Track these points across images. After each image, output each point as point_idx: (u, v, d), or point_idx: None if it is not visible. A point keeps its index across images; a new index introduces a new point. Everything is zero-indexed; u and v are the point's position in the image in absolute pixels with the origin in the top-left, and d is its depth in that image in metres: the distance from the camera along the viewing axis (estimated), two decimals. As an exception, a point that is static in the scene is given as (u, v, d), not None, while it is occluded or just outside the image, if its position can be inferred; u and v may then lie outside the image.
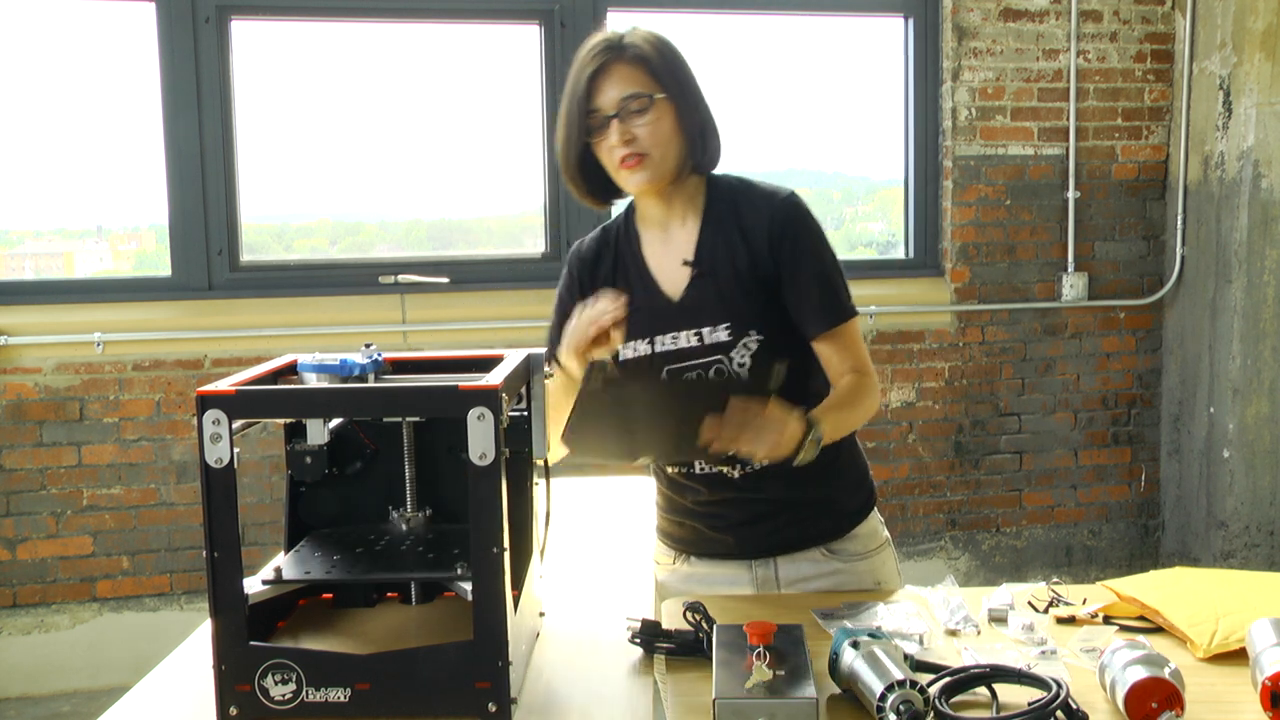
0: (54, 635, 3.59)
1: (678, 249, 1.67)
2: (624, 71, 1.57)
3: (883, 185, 4.38)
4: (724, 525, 1.72)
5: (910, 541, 4.08)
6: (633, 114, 1.57)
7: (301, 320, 3.64)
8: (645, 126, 1.57)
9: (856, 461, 1.78)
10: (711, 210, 1.67)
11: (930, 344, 4.04)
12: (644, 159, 1.58)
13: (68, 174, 3.75)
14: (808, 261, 1.62)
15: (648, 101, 1.57)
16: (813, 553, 1.72)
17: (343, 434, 1.46)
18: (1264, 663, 1.23)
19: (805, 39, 4.10)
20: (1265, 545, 3.93)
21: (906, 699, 1.16)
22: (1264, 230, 3.82)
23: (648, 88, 1.57)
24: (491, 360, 1.39)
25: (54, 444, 3.56)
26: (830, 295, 1.64)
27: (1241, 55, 3.80)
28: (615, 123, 1.57)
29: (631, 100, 1.56)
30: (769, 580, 1.73)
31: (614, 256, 1.72)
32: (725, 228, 1.65)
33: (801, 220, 1.64)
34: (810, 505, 1.71)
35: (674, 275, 1.67)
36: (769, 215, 1.63)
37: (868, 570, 1.73)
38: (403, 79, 3.88)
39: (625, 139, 1.57)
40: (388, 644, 1.30)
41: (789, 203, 1.64)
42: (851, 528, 1.74)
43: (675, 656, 1.42)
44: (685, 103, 1.61)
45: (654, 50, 1.59)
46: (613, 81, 1.57)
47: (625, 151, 1.57)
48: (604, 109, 1.58)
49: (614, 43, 1.59)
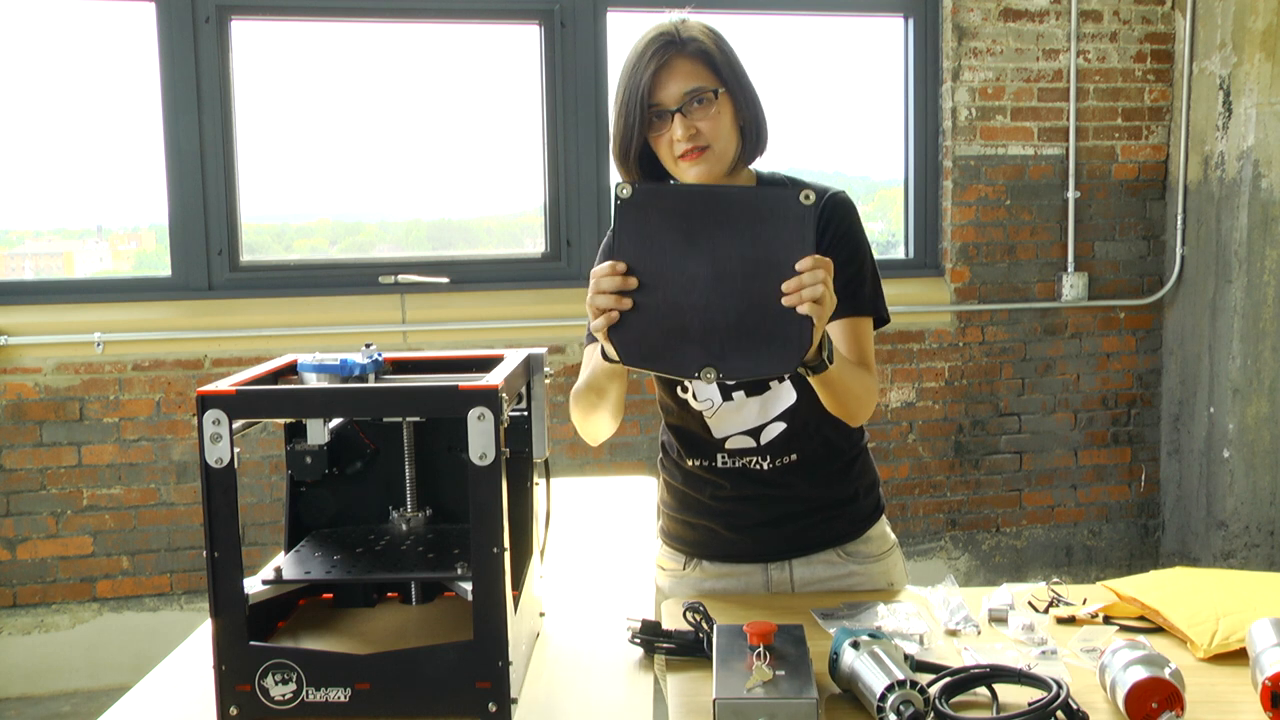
0: (54, 635, 3.59)
1: None
2: (686, 66, 1.59)
3: (883, 185, 4.38)
4: (743, 525, 1.71)
5: (910, 541, 4.08)
6: (695, 108, 1.58)
7: (301, 320, 3.65)
8: (708, 120, 1.59)
9: (870, 467, 1.79)
10: None
11: (930, 344, 4.04)
12: (706, 151, 1.60)
13: (68, 174, 3.75)
14: (844, 252, 1.63)
15: (712, 95, 1.59)
16: (829, 554, 1.71)
17: (343, 434, 1.46)
18: (1264, 663, 1.23)
19: (805, 39, 4.10)
20: (1265, 545, 3.93)
21: (906, 699, 1.16)
22: (1264, 230, 3.82)
23: (710, 82, 1.59)
24: (491, 360, 1.39)
25: (54, 444, 3.56)
26: (856, 286, 1.64)
27: (1241, 55, 3.80)
28: (678, 117, 1.58)
29: (695, 95, 1.58)
30: (784, 583, 1.72)
31: None
32: None
33: (848, 217, 1.67)
34: (832, 505, 1.71)
35: None
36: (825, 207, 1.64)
37: (881, 573, 1.73)
38: (403, 79, 3.88)
39: (689, 133, 1.58)
40: (388, 644, 1.30)
41: (838, 199, 1.67)
42: (865, 529, 1.74)
43: (675, 656, 1.42)
44: (742, 95, 1.63)
45: (714, 44, 1.62)
46: (675, 77, 1.59)
47: (688, 146, 1.59)
48: (666, 104, 1.59)
49: (674, 37, 1.60)
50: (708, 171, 1.61)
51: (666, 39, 1.60)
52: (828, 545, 1.72)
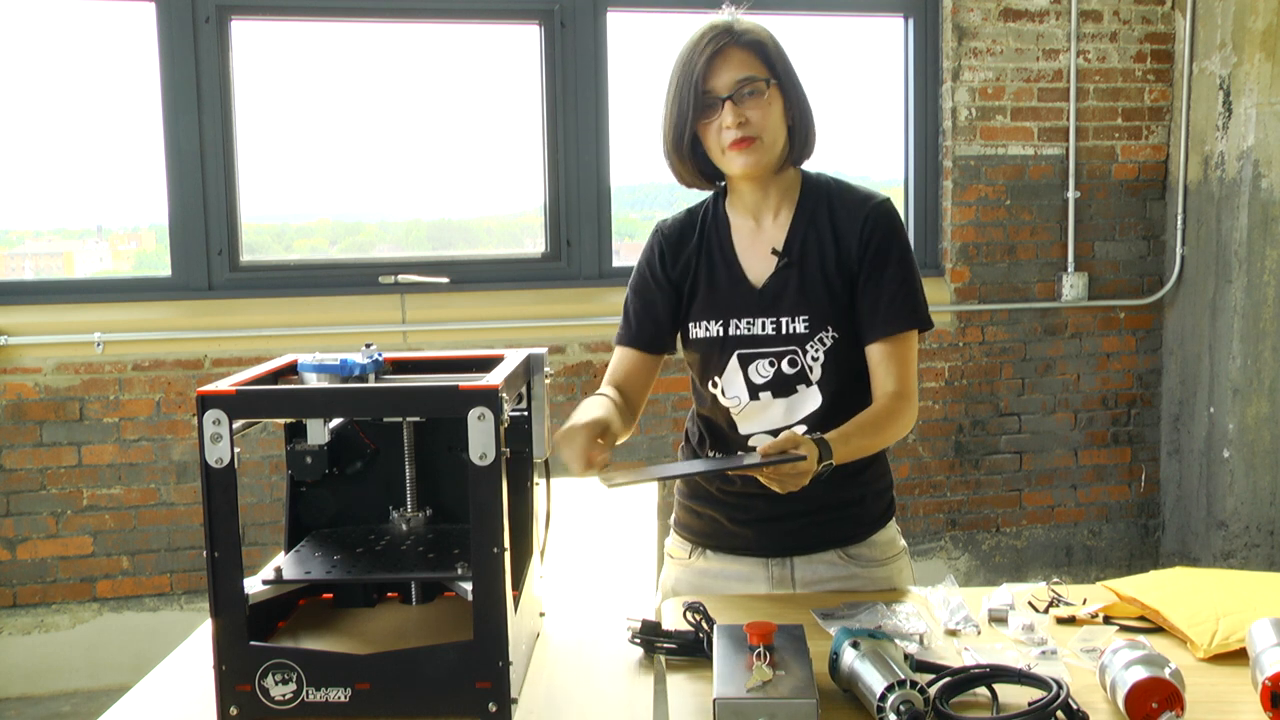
0: (54, 635, 3.59)
1: (768, 237, 1.69)
2: (739, 56, 1.61)
3: (883, 185, 4.38)
4: (746, 518, 1.72)
5: (910, 541, 4.04)
6: (746, 97, 1.60)
7: (301, 320, 3.64)
8: (758, 110, 1.60)
9: (884, 469, 1.79)
10: (805, 204, 1.70)
11: (930, 344, 4.04)
12: (754, 142, 1.61)
13: (68, 174, 3.75)
14: (893, 264, 1.64)
15: (764, 85, 1.60)
16: (830, 555, 1.72)
17: (343, 434, 1.46)
18: (1264, 663, 1.23)
19: (805, 39, 4.10)
20: (1265, 545, 3.93)
21: (906, 699, 1.16)
22: (1264, 230, 3.82)
23: (762, 73, 1.61)
24: (491, 360, 1.39)
25: (54, 444, 3.56)
26: (905, 299, 1.64)
27: (1241, 55, 3.80)
28: (729, 104, 1.59)
29: (746, 83, 1.59)
30: (785, 580, 1.72)
31: (699, 237, 1.73)
32: (818, 223, 1.68)
33: (894, 226, 1.67)
34: (837, 508, 1.71)
35: (760, 262, 1.69)
36: (864, 217, 1.65)
37: (885, 577, 1.73)
38: (403, 79, 3.88)
39: (739, 121, 1.59)
40: (388, 644, 1.30)
41: (884, 208, 1.68)
42: (871, 533, 1.74)
43: (675, 656, 1.42)
44: (792, 92, 1.65)
45: (767, 37, 1.64)
46: (728, 65, 1.60)
47: (737, 135, 1.60)
48: (718, 91, 1.60)
49: (728, 27, 1.62)
50: (756, 163, 1.62)
51: (722, 28, 1.62)
52: (830, 546, 1.72)
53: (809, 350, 1.64)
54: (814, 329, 1.64)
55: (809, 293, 1.65)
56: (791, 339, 1.65)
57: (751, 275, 1.69)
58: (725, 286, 1.69)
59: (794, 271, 1.66)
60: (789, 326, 1.65)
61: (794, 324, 1.64)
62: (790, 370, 1.65)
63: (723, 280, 1.69)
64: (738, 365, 1.68)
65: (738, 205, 1.73)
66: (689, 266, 1.73)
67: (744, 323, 1.67)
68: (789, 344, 1.65)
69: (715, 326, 1.68)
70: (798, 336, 1.64)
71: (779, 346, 1.65)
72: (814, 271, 1.65)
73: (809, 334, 1.64)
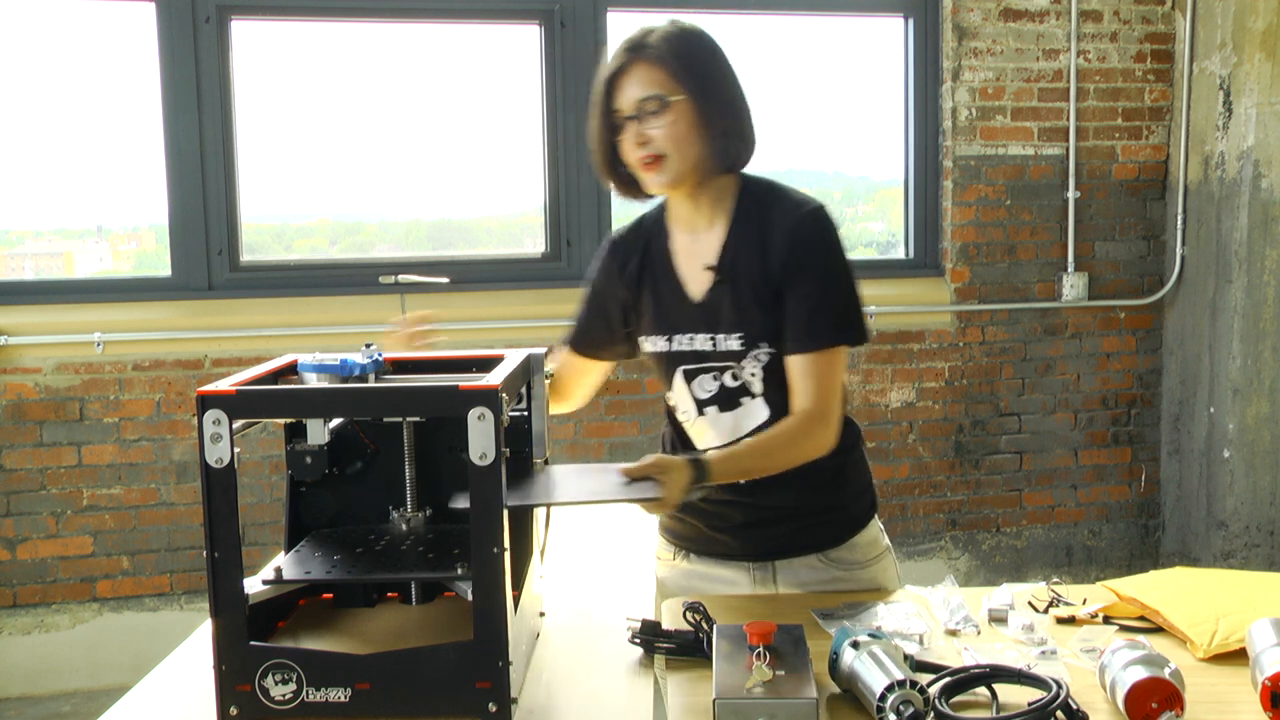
0: (54, 635, 3.59)
1: (703, 251, 1.66)
2: (643, 72, 1.57)
3: (883, 185, 4.38)
4: (725, 526, 1.72)
5: (910, 541, 4.08)
6: (649, 115, 1.56)
7: (301, 320, 3.64)
8: (660, 129, 1.56)
9: (861, 470, 1.78)
10: (740, 215, 1.65)
11: (930, 344, 4.04)
12: (661, 160, 1.57)
13: (68, 174, 3.74)
14: (812, 276, 1.59)
15: (661, 104, 1.56)
16: (811, 559, 1.71)
17: (343, 434, 1.46)
18: (1264, 663, 1.23)
19: (805, 39, 4.10)
20: (1265, 545, 3.93)
21: (906, 699, 1.16)
22: (1264, 230, 3.82)
23: (665, 88, 1.56)
24: (491, 360, 1.39)
25: (54, 444, 3.56)
26: (823, 314, 1.58)
27: (1241, 55, 3.80)
28: (631, 124, 1.57)
29: (648, 102, 1.56)
30: (767, 583, 1.72)
31: (644, 250, 1.72)
32: (751, 235, 1.62)
33: (820, 235, 1.60)
34: (814, 513, 1.71)
35: (698, 276, 1.66)
36: (790, 228, 1.60)
37: (868, 579, 1.73)
38: (403, 79, 3.88)
39: (640, 141, 1.57)
40: (388, 644, 1.30)
41: (812, 216, 1.61)
42: (851, 535, 1.73)
43: (675, 656, 1.42)
44: (707, 103, 1.58)
45: (675, 50, 1.57)
46: (632, 82, 1.57)
47: (642, 154, 1.57)
48: (624, 110, 1.58)
49: (637, 42, 1.58)
50: (665, 180, 1.59)
51: (631, 44, 1.58)
52: (809, 551, 1.71)
53: (746, 365, 1.62)
54: (748, 346, 1.61)
55: (742, 309, 1.61)
56: (728, 355, 1.63)
57: (690, 290, 1.66)
58: (668, 301, 1.67)
59: (728, 288, 1.62)
60: (724, 343, 1.62)
61: (729, 340, 1.62)
62: (733, 384, 1.64)
63: (666, 294, 1.67)
64: (683, 380, 1.67)
65: (675, 217, 1.70)
66: (636, 279, 1.71)
67: (685, 338, 1.65)
68: (726, 360, 1.63)
69: (661, 341, 1.68)
70: (734, 353, 1.62)
71: (718, 362, 1.64)
72: (746, 287, 1.61)
73: (743, 350, 1.61)
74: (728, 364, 1.63)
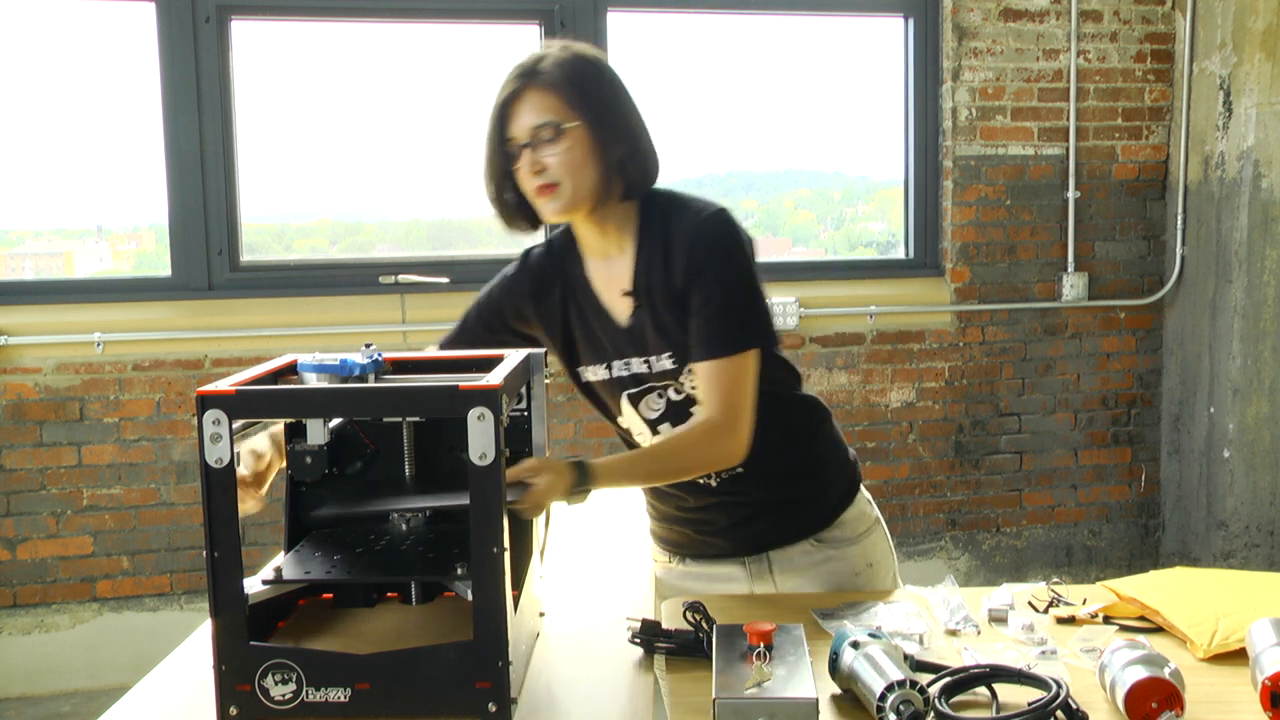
0: (54, 635, 3.59)
1: (618, 275, 1.63)
2: (536, 99, 1.53)
3: (883, 185, 4.38)
4: (713, 529, 1.73)
5: (910, 541, 4.08)
6: (544, 143, 1.53)
7: (301, 320, 3.64)
8: (555, 156, 1.52)
9: (837, 451, 1.77)
10: (645, 235, 1.61)
11: (930, 344, 4.04)
12: (555, 188, 1.54)
13: (68, 174, 3.75)
14: (708, 284, 1.54)
15: (555, 131, 1.52)
16: (803, 545, 1.72)
17: (343, 434, 1.46)
18: (1264, 663, 1.23)
19: (805, 39, 4.10)
20: (1265, 545, 3.93)
21: (906, 699, 1.16)
22: (1264, 230, 3.82)
23: (559, 115, 1.52)
24: (491, 360, 1.39)
25: (54, 444, 3.56)
26: (723, 319, 1.54)
27: (1241, 55, 3.80)
28: (526, 151, 1.54)
29: (543, 129, 1.53)
30: (763, 575, 1.73)
31: (563, 280, 1.69)
32: (657, 252, 1.58)
33: (718, 238, 1.56)
34: (796, 501, 1.72)
35: (619, 301, 1.63)
36: (689, 233, 1.56)
37: (860, 554, 1.74)
38: (403, 79, 3.88)
39: (535, 169, 1.53)
40: (388, 644, 1.30)
41: (708, 221, 1.56)
42: (838, 515, 1.73)
43: (675, 656, 1.42)
44: (603, 129, 1.55)
45: (568, 76, 1.53)
46: (525, 109, 1.53)
47: (537, 182, 1.54)
48: (518, 138, 1.54)
49: (529, 68, 1.54)
50: (561, 208, 1.56)
51: (523, 70, 1.55)
52: (799, 538, 1.72)
53: (684, 381, 1.61)
54: (680, 363, 1.59)
55: (664, 330, 1.58)
56: (665, 374, 1.61)
57: (616, 315, 1.63)
58: (598, 329, 1.65)
59: (646, 311, 1.59)
60: (658, 364, 1.61)
61: (661, 361, 1.60)
62: (678, 397, 1.63)
63: (594, 323, 1.65)
64: (629, 404, 1.66)
65: (585, 246, 1.67)
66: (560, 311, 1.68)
67: (621, 364, 1.64)
68: (665, 378, 1.62)
69: (600, 370, 1.66)
70: (669, 372, 1.60)
71: (658, 381, 1.63)
72: (664, 307, 1.58)
73: (677, 369, 1.60)
74: (666, 382, 1.62)
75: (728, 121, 4.12)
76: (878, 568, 1.76)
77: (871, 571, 1.75)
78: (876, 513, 1.80)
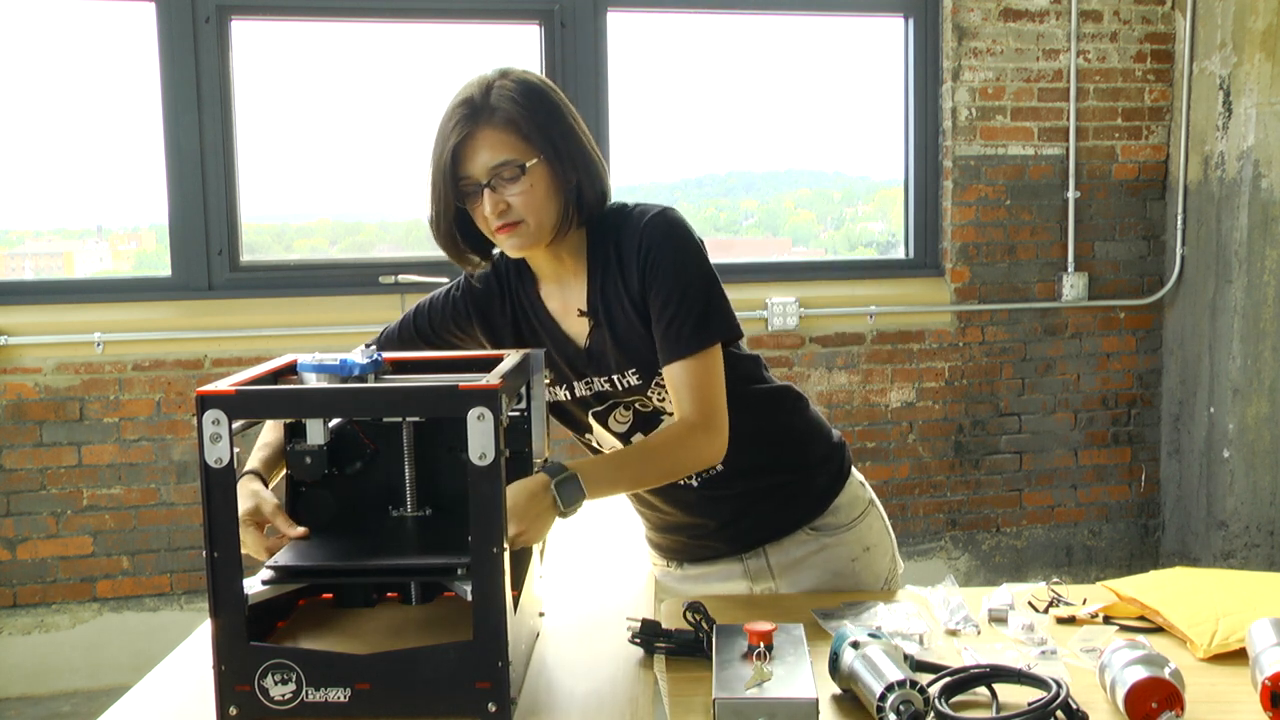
0: (54, 635, 3.59)
1: (573, 296, 1.60)
2: (492, 137, 1.48)
3: (883, 185, 4.38)
4: (706, 532, 1.73)
5: (910, 541, 4.08)
6: (505, 182, 1.48)
7: (301, 320, 3.64)
8: (519, 195, 1.48)
9: (816, 436, 1.74)
10: (596, 254, 1.58)
11: (930, 344, 4.04)
12: (519, 225, 1.50)
13: (68, 174, 3.75)
14: (664, 285, 1.51)
15: (519, 171, 1.48)
16: (798, 535, 1.72)
17: (343, 434, 1.46)
18: (1264, 663, 1.23)
19: (805, 39, 4.10)
20: (1265, 545, 3.93)
21: (906, 699, 1.16)
22: (1264, 230, 3.82)
23: (519, 153, 1.48)
24: (491, 360, 1.39)
25: (54, 444, 3.56)
26: (679, 324, 1.50)
27: (1241, 55, 3.80)
28: (488, 192, 1.49)
29: (503, 169, 1.48)
30: (762, 570, 1.73)
31: (512, 304, 1.65)
32: (610, 267, 1.56)
33: (664, 240, 1.52)
34: (784, 488, 1.70)
35: (577, 322, 1.61)
36: (637, 237, 1.53)
37: (856, 538, 1.73)
38: (403, 79, 3.88)
39: (499, 209, 1.49)
40: (388, 644, 1.29)
41: (652, 223, 1.53)
42: (830, 501, 1.73)
43: (675, 656, 1.42)
44: (560, 161, 1.51)
45: (522, 110, 1.49)
46: (481, 149, 1.48)
47: (500, 221, 1.50)
48: (475, 176, 1.49)
49: (479, 105, 1.50)
50: (525, 244, 1.53)
51: (472, 107, 1.49)
52: (793, 528, 1.72)
53: (652, 394, 1.59)
54: (646, 378, 1.57)
55: (626, 348, 1.55)
56: (632, 390, 1.59)
57: (574, 336, 1.60)
58: (557, 352, 1.61)
59: (604, 331, 1.56)
60: (623, 381, 1.58)
61: (627, 377, 1.58)
62: (645, 409, 1.61)
63: (550, 345, 1.62)
64: (597, 422, 1.66)
65: (538, 271, 1.63)
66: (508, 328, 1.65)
67: (583, 384, 1.62)
68: (632, 394, 1.60)
69: (562, 391, 1.63)
70: (636, 388, 1.58)
71: (624, 398, 1.61)
72: (623, 324, 1.55)
73: (644, 384, 1.57)
74: (634, 397, 1.61)
75: (728, 121, 4.12)
76: (875, 550, 1.75)
77: (869, 555, 1.74)
78: (871, 495, 1.78)
